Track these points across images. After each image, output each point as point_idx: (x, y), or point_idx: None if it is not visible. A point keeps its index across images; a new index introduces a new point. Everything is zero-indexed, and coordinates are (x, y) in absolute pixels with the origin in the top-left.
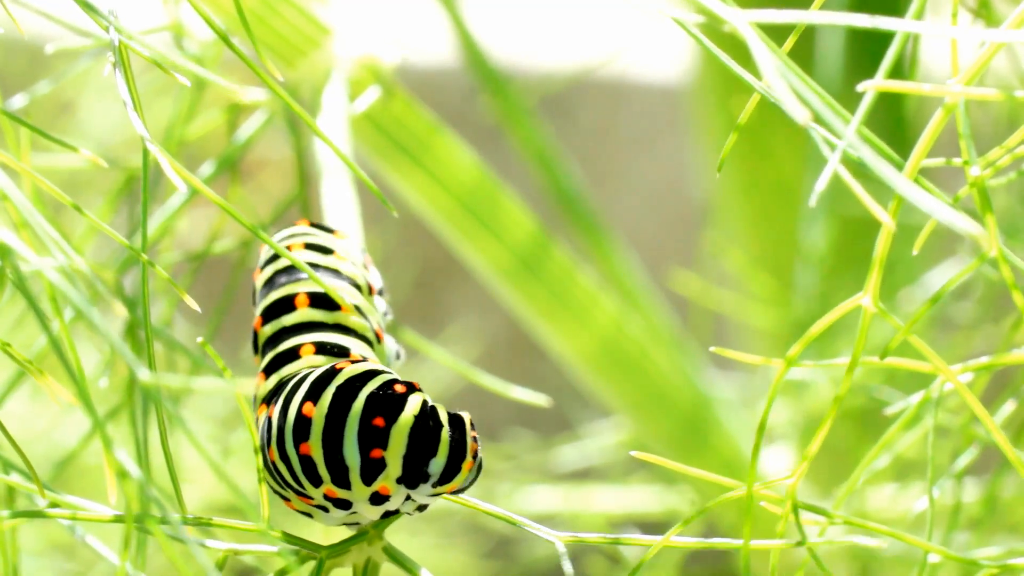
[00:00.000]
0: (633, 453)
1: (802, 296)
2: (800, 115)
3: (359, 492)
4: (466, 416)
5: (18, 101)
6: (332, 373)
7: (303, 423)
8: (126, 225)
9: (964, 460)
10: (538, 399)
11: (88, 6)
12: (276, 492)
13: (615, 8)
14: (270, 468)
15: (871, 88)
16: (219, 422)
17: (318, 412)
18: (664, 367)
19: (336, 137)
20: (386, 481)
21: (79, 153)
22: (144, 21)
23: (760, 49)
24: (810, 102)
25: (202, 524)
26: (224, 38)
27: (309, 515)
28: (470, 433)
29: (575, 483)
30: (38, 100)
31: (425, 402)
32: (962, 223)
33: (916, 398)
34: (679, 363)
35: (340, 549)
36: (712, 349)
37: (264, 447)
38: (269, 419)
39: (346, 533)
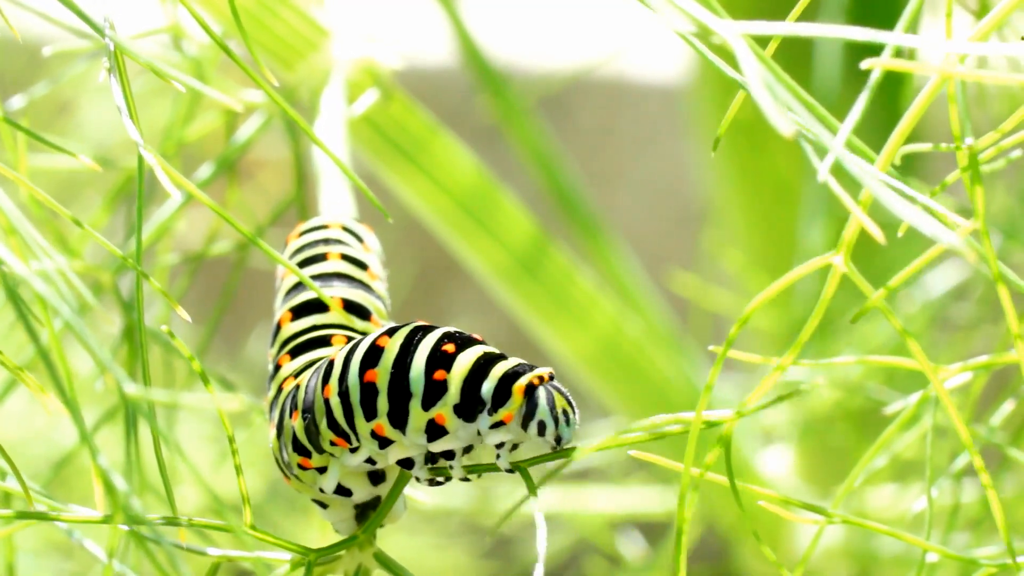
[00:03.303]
0: (632, 453)
1: (802, 296)
2: (786, 127)
3: (417, 420)
4: (547, 369)
5: (17, 102)
6: (409, 324)
7: (375, 351)
8: (125, 224)
9: (963, 460)
10: None
11: (83, 15)
12: (300, 448)
13: (615, 8)
14: (315, 412)
15: (876, 66)
16: (218, 423)
17: (392, 342)
18: (664, 367)
19: (334, 139)
20: (444, 409)
21: (76, 157)
22: (143, 23)
23: (749, 61)
24: (797, 114)
25: (192, 526)
26: (222, 45)
27: (324, 469)
28: (540, 373)
29: (575, 483)
30: (37, 101)
31: (494, 350)
32: (947, 236)
33: (915, 398)
34: (679, 363)
35: (330, 554)
36: (711, 348)
37: (319, 387)
38: (331, 361)
39: (337, 539)
